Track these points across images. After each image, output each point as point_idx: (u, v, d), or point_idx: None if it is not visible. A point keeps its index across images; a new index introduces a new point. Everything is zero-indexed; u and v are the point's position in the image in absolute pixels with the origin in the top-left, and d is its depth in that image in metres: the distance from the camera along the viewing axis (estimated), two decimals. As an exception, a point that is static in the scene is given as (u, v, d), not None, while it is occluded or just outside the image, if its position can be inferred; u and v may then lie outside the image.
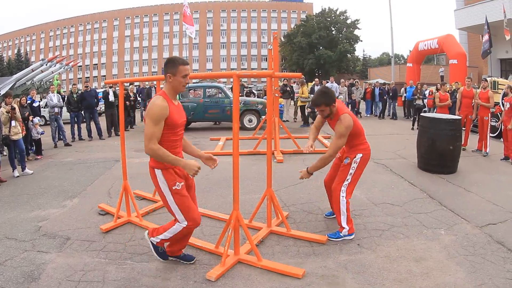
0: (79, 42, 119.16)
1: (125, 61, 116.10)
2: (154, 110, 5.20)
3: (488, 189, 10.02)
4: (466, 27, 42.18)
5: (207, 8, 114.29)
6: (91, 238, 7.33)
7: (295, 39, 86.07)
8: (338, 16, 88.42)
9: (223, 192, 10.00)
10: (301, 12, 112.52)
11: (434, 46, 34.19)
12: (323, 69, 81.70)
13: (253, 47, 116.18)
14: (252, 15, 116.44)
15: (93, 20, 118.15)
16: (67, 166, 13.77)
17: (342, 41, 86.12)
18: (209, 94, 22.15)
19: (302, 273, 5.80)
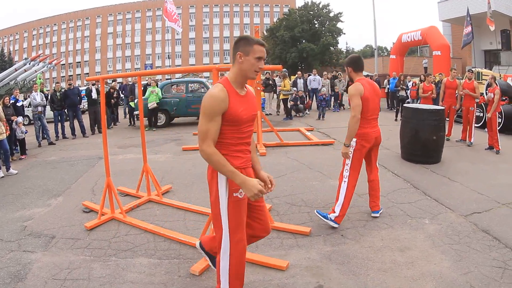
0: (62, 40, 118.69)
1: (108, 58, 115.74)
2: (208, 102, 4.16)
3: (473, 178, 10.04)
4: (450, 19, 42.35)
5: (190, 3, 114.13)
6: (76, 236, 7.31)
7: (278, 33, 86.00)
8: (321, 9, 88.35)
9: (206, 186, 9.63)
10: (283, 6, 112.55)
11: (418, 38, 34.25)
12: (306, 62, 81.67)
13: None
14: (235, 10, 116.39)
15: (76, 18, 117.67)
16: (51, 165, 13.69)
17: (325, 34, 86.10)
18: (191, 89, 22.18)
19: (286, 265, 5.79)
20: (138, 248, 6.68)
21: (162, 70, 9.08)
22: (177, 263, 6.10)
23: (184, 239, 6.81)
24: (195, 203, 8.69)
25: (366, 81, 7.26)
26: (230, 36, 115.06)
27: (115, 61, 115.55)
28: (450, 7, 40.59)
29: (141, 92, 9.27)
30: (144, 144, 9.11)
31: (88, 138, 19.79)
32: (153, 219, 8.00)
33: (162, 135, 18.85)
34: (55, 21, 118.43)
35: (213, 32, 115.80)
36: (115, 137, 18.55)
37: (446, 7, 41.94)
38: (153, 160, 12.57)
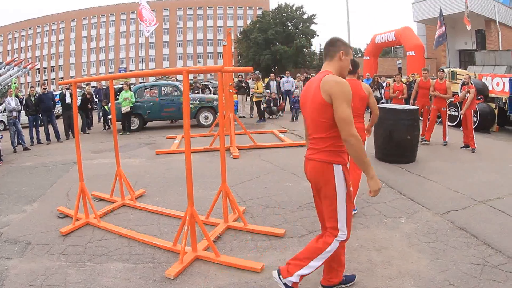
0: (37, 44, 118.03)
1: (82, 62, 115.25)
2: (347, 88, 4.21)
3: (448, 177, 10.06)
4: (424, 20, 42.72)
5: (164, 6, 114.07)
6: (52, 241, 7.25)
7: (251, 35, 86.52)
8: (295, 11, 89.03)
9: (179, 190, 9.90)
10: (257, 9, 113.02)
11: (392, 38, 34.42)
12: (280, 64, 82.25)
13: (209, 45, 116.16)
14: (209, 13, 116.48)
15: (51, 22, 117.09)
16: (26, 171, 13.56)
17: (299, 36, 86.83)
18: (164, 92, 22.04)
19: (261, 267, 5.77)
20: (113, 253, 6.63)
21: (133, 73, 9.05)
22: (152, 267, 6.07)
23: (158, 243, 6.78)
24: (169, 207, 8.63)
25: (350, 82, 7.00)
26: (203, 39, 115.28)
27: (89, 65, 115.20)
28: (425, 8, 41.00)
29: (113, 96, 9.20)
30: (117, 149, 9.05)
31: (62, 143, 19.61)
32: (127, 223, 7.94)
33: (136, 139, 18.76)
34: (30, 25, 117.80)
35: (186, 35, 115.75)
36: (89, 142, 18.43)
37: (420, 8, 42.36)
38: (127, 165, 12.48)
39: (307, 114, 4.70)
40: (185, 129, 5.96)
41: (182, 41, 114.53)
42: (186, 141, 6.01)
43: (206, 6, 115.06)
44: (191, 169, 6.04)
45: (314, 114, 4.49)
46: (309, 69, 79.24)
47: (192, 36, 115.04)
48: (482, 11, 37.47)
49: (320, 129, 4.47)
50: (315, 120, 4.51)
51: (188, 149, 6.00)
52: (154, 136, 19.29)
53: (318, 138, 4.57)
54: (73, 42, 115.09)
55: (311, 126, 4.65)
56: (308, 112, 4.66)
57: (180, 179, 10.73)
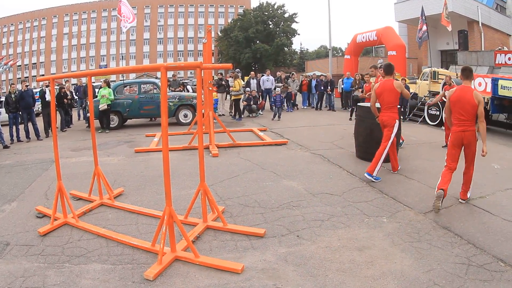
0: (18, 40, 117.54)
1: (63, 59, 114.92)
2: None
3: (430, 176, 10.03)
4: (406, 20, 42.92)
5: (145, 3, 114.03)
6: (30, 242, 7.16)
7: (232, 33, 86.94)
8: (276, 10, 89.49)
9: (158, 188, 9.82)
10: (238, 7, 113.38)
11: (373, 38, 34.48)
12: (260, 63, 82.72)
13: (189, 42, 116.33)
14: (190, 10, 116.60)
15: (33, 18, 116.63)
16: (5, 169, 13.38)
17: (279, 35, 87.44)
18: (144, 90, 21.89)
19: (241, 268, 5.74)
20: (91, 253, 6.55)
21: (111, 70, 8.94)
22: (130, 268, 6.00)
23: (136, 243, 6.71)
24: (147, 206, 8.57)
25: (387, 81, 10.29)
26: (184, 36, 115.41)
27: (70, 62, 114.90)
28: (407, 8, 41.22)
29: (91, 93, 9.05)
30: (95, 147, 8.93)
31: (42, 141, 19.34)
32: (105, 223, 7.85)
33: (115, 137, 18.63)
34: (11, 21, 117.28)
35: (167, 32, 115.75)
36: (68, 140, 18.26)
37: (402, 8, 42.58)
38: (106, 163, 12.38)
39: (465, 111, 7.91)
40: (162, 127, 5.96)
41: (163, 39, 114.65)
42: (163, 140, 5.99)
43: (187, 4, 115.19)
44: (169, 168, 6.02)
45: (470, 110, 7.81)
46: (289, 67, 79.72)
47: (173, 34, 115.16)
48: (465, 12, 37.78)
49: (472, 117, 7.83)
50: (469, 113, 7.82)
51: (166, 148, 5.98)
52: (133, 134, 19.15)
53: (470, 121, 7.89)
54: (54, 39, 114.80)
55: (466, 115, 7.87)
56: (466, 109, 7.88)
57: (159, 177, 10.55)
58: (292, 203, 8.20)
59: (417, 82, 25.36)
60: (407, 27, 49.71)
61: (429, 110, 19.56)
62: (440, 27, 32.28)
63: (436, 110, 18.53)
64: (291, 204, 8.11)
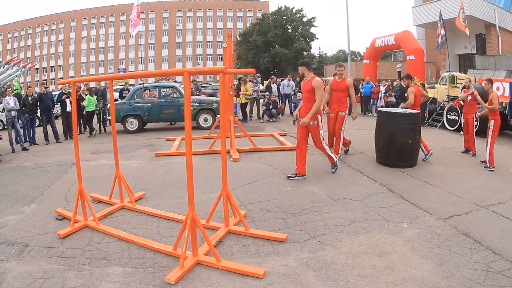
0: (36, 44, 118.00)
1: (81, 63, 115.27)
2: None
3: (450, 181, 10.05)
4: (424, 24, 42.66)
5: (163, 8, 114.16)
6: (49, 244, 7.14)
7: (251, 37, 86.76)
8: (294, 14, 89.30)
9: (179, 192, 9.84)
10: (257, 11, 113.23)
11: (391, 42, 34.40)
12: (279, 67, 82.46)
13: (208, 47, 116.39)
14: (208, 14, 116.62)
15: (51, 21, 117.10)
16: (24, 171, 13.42)
17: (298, 39, 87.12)
18: (164, 94, 21.90)
19: (263, 273, 5.70)
20: (112, 256, 6.54)
21: (133, 74, 8.93)
22: (151, 271, 5.97)
23: (158, 247, 6.69)
24: (168, 210, 8.55)
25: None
26: (203, 41, 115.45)
27: (88, 66, 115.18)
28: (424, 12, 40.98)
29: (112, 96, 9.09)
30: (116, 150, 8.94)
31: (61, 143, 19.45)
32: (126, 226, 7.85)
33: (135, 140, 18.66)
34: (30, 24, 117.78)
35: (186, 36, 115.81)
36: (87, 143, 18.32)
37: (420, 12, 42.34)
38: (126, 166, 12.37)
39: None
40: (186, 131, 5.89)
41: (182, 43, 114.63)
42: (187, 144, 5.96)
43: (205, 8, 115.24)
44: (192, 172, 5.98)
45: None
46: (308, 72, 79.66)
47: (191, 38, 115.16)
48: (482, 16, 37.44)
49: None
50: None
51: (190, 152, 5.93)
52: (153, 138, 19.19)
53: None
54: (72, 43, 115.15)
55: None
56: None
57: (179, 181, 10.72)
58: (314, 208, 8.21)
59: (436, 87, 25.22)
60: (425, 31, 49.36)
61: (447, 115, 19.54)
62: (458, 31, 32.10)
63: (455, 115, 18.49)
64: (313, 209, 8.11)
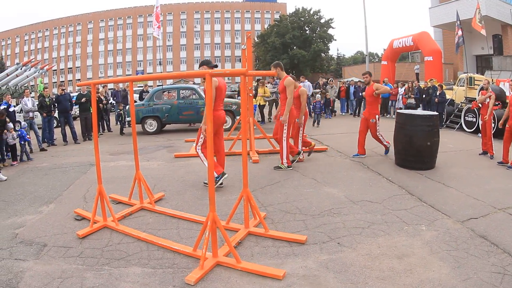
0: (53, 45, 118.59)
1: (99, 64, 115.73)
2: None
3: (468, 183, 10.02)
4: (441, 25, 42.45)
5: (180, 9, 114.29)
6: (68, 244, 7.19)
7: (269, 39, 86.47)
8: (312, 15, 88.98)
9: (198, 193, 9.91)
10: (274, 12, 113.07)
11: (409, 43, 34.34)
12: (297, 68, 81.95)
13: (226, 48, 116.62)
14: (226, 16, 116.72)
15: (68, 23, 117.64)
16: (43, 172, 13.53)
17: (316, 41, 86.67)
18: (183, 95, 21.98)
19: (283, 274, 5.70)
20: (131, 257, 6.58)
21: (154, 76, 8.90)
22: (171, 272, 6.00)
23: (177, 247, 6.71)
24: (188, 211, 8.58)
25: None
26: (221, 42, 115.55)
27: (106, 67, 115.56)
28: (441, 12, 40.78)
29: (132, 98, 9.14)
30: (136, 151, 9.01)
31: (79, 144, 19.60)
32: (146, 227, 7.90)
33: (154, 142, 18.74)
34: (47, 26, 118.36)
35: (204, 38, 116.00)
36: (106, 144, 18.41)
37: (437, 12, 42.14)
38: (145, 167, 12.40)
39: None
40: (208, 133, 5.92)
41: (200, 45, 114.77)
42: (208, 146, 6.02)
43: (223, 10, 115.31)
44: (213, 174, 6.02)
45: None
46: (326, 73, 79.19)
47: (209, 40, 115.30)
48: (498, 16, 37.16)
49: None
50: None
51: (211, 154, 6.04)
52: (172, 139, 19.26)
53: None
54: (90, 44, 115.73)
55: None
56: None
57: (199, 183, 10.80)
58: (333, 210, 8.24)
59: (453, 88, 25.12)
60: (442, 32, 49.13)
61: (465, 117, 19.50)
62: (475, 32, 31.92)
63: (473, 117, 18.46)
64: (332, 211, 8.14)
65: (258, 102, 24.48)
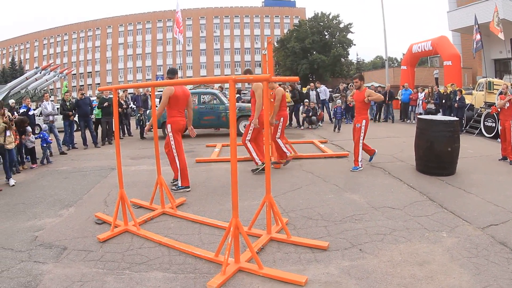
0: (73, 50, 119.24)
1: (119, 68, 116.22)
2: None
3: (488, 190, 9.97)
4: (459, 29, 42.22)
5: (200, 14, 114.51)
6: (88, 247, 7.24)
7: (289, 44, 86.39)
8: (331, 20, 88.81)
9: (220, 199, 9.93)
10: (293, 17, 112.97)
11: (428, 48, 34.13)
12: (317, 73, 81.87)
13: (246, 53, 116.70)
14: (245, 21, 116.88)
15: (87, 28, 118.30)
16: (62, 175, 13.62)
17: (336, 45, 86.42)
18: (204, 100, 22.05)
19: (305, 280, 5.67)
20: (152, 261, 6.61)
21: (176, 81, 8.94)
22: (193, 277, 6.00)
23: (199, 253, 6.70)
24: (210, 216, 8.61)
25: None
26: (240, 47, 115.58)
27: (126, 72, 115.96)
28: (459, 16, 40.49)
29: (154, 103, 9.18)
30: (158, 156, 9.03)
31: (100, 148, 19.78)
32: (167, 232, 7.93)
33: (176, 146, 18.60)
34: (66, 31, 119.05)
35: (223, 43, 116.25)
36: (126, 148, 18.44)
37: (455, 16, 41.84)
38: (166, 172, 12.11)
39: None
40: (231, 138, 5.88)
41: (219, 49, 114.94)
42: (232, 151, 5.95)
43: (242, 15, 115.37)
44: (236, 179, 5.96)
45: None
46: (346, 78, 78.95)
47: (229, 45, 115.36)
48: (515, 19, 37.03)
49: None
50: None
51: (235, 159, 5.95)
52: (193, 144, 19.28)
53: None
54: (109, 49, 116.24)
55: None
56: None
57: (221, 188, 10.86)
58: (355, 216, 8.25)
59: (473, 93, 25.01)
60: (461, 36, 48.81)
61: (485, 122, 19.44)
62: (493, 36, 31.71)
63: (492, 122, 18.40)
64: (354, 218, 8.15)
65: None
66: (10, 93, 26.92)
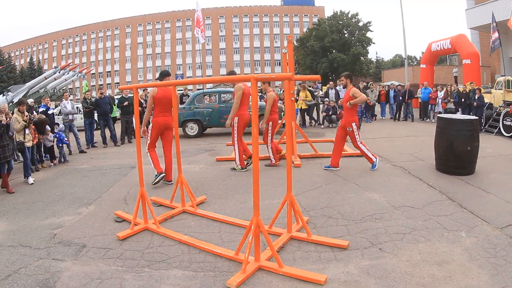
0: (91, 49, 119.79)
1: (138, 68, 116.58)
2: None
3: (507, 189, 9.90)
4: (478, 26, 42.01)
5: (219, 14, 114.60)
6: (108, 245, 7.32)
7: (308, 43, 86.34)
8: (350, 19, 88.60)
9: (241, 197, 10.00)
10: (313, 16, 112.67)
11: (447, 46, 33.91)
12: (337, 72, 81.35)
13: (266, 52, 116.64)
14: (264, 20, 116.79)
15: (105, 28, 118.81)
16: (82, 173, 13.76)
17: (355, 44, 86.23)
18: (224, 99, 22.15)
19: (325, 279, 5.68)
20: (172, 259, 6.65)
21: (197, 80, 9.00)
22: (212, 275, 6.03)
23: (219, 251, 6.72)
24: (230, 215, 8.62)
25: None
26: (260, 46, 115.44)
27: (145, 71, 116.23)
28: (478, 14, 40.27)
29: (175, 102, 9.17)
30: (179, 154, 9.04)
31: (119, 147, 19.93)
32: (187, 230, 7.96)
33: (195, 145, 18.88)
34: (84, 31, 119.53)
35: (243, 42, 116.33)
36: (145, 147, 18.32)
37: (474, 14, 41.63)
38: (187, 171, 12.33)
39: None
40: (253, 137, 5.93)
41: (239, 48, 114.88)
42: (254, 150, 6.02)
43: (261, 14, 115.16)
44: (258, 177, 5.97)
45: None
46: (365, 77, 78.69)
47: (248, 44, 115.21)
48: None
49: None
50: None
51: (256, 158, 6.04)
52: (214, 143, 19.41)
53: None
54: (128, 48, 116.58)
55: None
56: None
57: (241, 186, 10.87)
58: (375, 215, 8.26)
59: (492, 92, 24.87)
60: (479, 34, 48.52)
61: (504, 121, 19.31)
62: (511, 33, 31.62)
63: (511, 121, 18.35)
64: (374, 217, 8.15)
65: (300, 106, 24.57)
66: (29, 92, 27.15)
